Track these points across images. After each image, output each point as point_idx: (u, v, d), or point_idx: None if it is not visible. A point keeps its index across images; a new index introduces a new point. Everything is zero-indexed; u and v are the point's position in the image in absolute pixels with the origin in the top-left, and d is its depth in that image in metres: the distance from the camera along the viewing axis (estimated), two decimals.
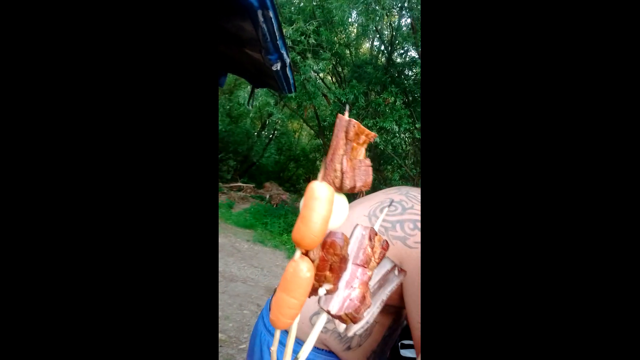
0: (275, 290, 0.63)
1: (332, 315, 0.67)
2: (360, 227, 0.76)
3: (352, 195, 0.73)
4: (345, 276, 0.70)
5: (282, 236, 7.79)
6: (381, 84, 6.62)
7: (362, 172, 0.68)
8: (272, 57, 2.04)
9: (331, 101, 7.18)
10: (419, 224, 1.01)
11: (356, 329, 0.74)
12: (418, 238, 0.98)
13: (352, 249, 0.73)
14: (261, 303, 4.07)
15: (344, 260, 0.63)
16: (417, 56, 6.75)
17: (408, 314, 1.05)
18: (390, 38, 7.24)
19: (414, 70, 6.84)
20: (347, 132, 0.67)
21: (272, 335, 1.30)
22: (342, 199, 0.68)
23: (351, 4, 5.55)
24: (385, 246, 0.73)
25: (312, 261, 0.61)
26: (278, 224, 8.31)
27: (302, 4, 6.99)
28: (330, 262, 0.61)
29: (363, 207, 1.12)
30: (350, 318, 0.65)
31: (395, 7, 6.33)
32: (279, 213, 8.99)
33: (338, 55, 7.34)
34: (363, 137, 0.70)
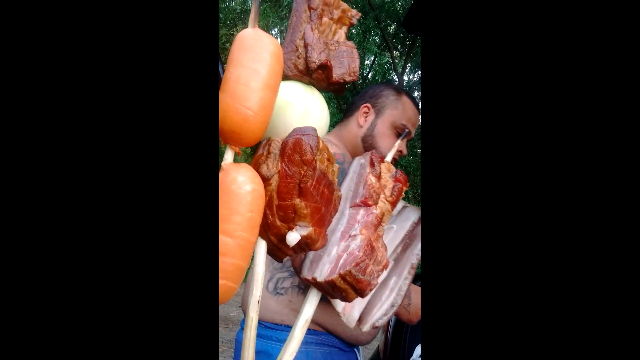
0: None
1: (319, 287, 0.39)
2: (358, 157, 0.50)
3: None
4: (340, 225, 0.43)
5: None
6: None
7: (344, 53, 0.44)
8: None
9: None
10: None
11: (376, 318, 0.45)
12: None
13: (348, 188, 0.46)
14: None
15: (323, 176, 0.37)
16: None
17: None
18: None
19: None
20: (309, 1, 0.45)
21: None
22: (313, 93, 0.43)
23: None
24: (402, 179, 0.47)
25: (267, 179, 0.35)
26: None
27: None
28: (297, 178, 0.35)
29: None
30: (352, 283, 0.37)
31: None
32: None
33: None
34: (338, 12, 0.47)
